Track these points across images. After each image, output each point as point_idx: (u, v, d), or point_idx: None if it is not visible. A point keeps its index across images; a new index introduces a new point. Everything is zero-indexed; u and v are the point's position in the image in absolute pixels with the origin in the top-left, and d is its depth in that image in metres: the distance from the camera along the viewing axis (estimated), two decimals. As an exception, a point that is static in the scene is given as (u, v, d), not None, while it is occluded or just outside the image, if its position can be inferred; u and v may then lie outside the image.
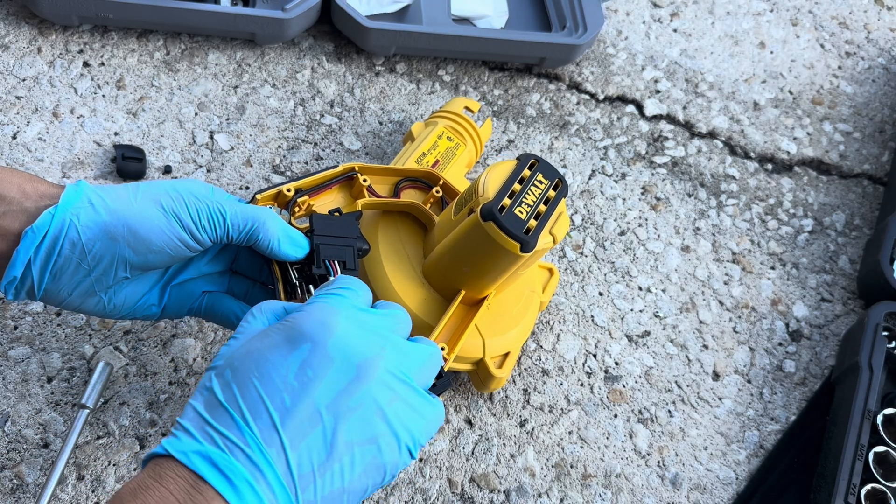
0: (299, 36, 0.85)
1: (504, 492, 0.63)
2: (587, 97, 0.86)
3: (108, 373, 0.62)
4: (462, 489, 0.63)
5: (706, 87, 0.89)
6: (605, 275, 0.75)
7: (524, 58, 0.85)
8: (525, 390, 0.68)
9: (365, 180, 0.62)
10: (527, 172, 0.59)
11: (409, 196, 0.66)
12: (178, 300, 0.57)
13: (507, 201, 0.56)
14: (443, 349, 0.59)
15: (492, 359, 0.63)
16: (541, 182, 0.59)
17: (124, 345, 0.65)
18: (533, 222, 0.56)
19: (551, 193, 0.59)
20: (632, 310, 0.73)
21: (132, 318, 0.55)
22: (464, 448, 0.65)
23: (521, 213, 0.56)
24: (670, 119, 0.86)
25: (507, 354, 0.63)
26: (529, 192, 0.58)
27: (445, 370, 0.58)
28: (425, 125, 0.74)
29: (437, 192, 0.65)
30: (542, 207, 0.58)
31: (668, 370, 0.70)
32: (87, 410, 0.61)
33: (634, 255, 0.76)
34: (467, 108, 0.76)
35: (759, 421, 0.69)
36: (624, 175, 0.81)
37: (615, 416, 0.68)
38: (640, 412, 0.68)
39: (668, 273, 0.76)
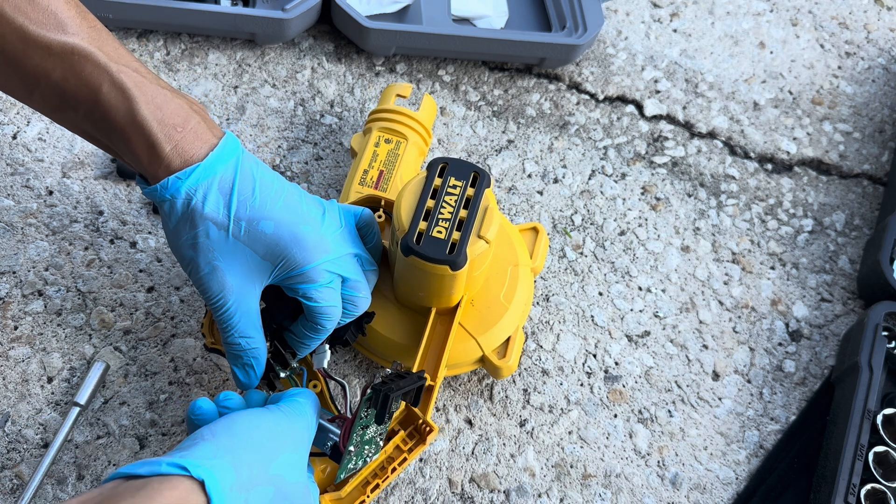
0: (299, 36, 0.85)
1: (504, 492, 0.63)
2: (587, 97, 0.86)
3: (102, 371, 0.62)
4: (462, 489, 0.63)
5: (706, 87, 0.89)
6: (605, 275, 0.75)
7: (524, 58, 0.85)
8: (525, 390, 0.68)
9: None
10: (438, 181, 0.57)
11: None
12: None
13: (423, 225, 0.55)
14: (425, 379, 0.59)
15: (493, 352, 0.62)
16: (455, 186, 0.57)
17: (124, 345, 0.65)
18: (456, 234, 0.55)
19: (470, 192, 0.57)
20: (632, 310, 0.73)
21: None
22: (464, 448, 0.65)
23: (441, 232, 0.55)
24: (670, 119, 0.86)
25: (507, 340, 0.63)
26: (445, 203, 0.56)
27: (437, 387, 0.59)
28: (363, 134, 0.73)
29: (380, 216, 0.64)
30: (464, 213, 0.56)
31: (668, 370, 0.70)
32: (79, 408, 0.61)
33: (634, 255, 0.76)
34: (399, 96, 0.74)
35: (758, 421, 0.69)
36: (624, 175, 0.81)
37: (615, 416, 0.68)
38: (639, 412, 0.68)
39: (668, 273, 0.76)
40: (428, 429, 0.57)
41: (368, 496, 0.56)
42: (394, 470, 0.57)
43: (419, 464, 0.63)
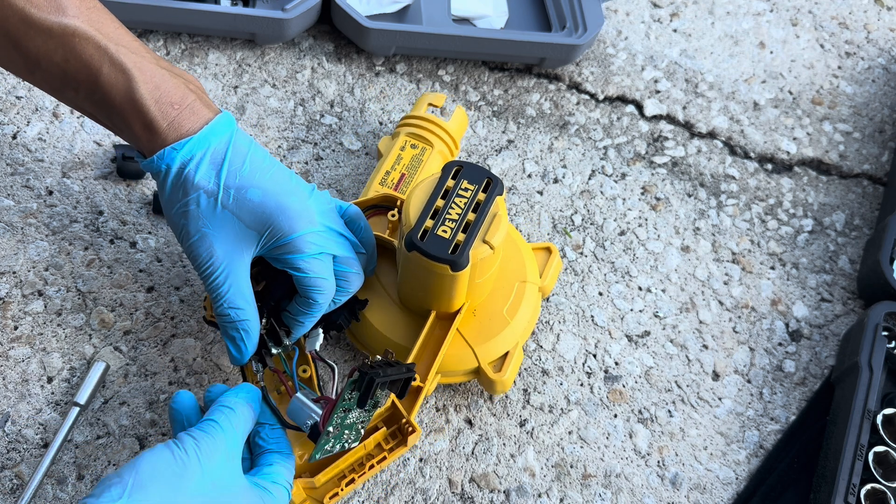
0: (299, 36, 0.85)
1: (504, 492, 0.63)
2: (587, 97, 0.86)
3: (102, 371, 0.62)
4: (462, 489, 0.63)
5: (706, 87, 0.89)
6: (605, 275, 0.75)
7: (524, 58, 0.85)
8: (525, 390, 0.68)
9: None
10: (451, 183, 0.57)
11: (375, 223, 0.66)
12: None
13: (429, 223, 0.55)
14: (415, 379, 0.59)
15: (489, 364, 0.62)
16: (466, 189, 0.57)
17: (124, 345, 0.65)
18: (461, 236, 0.55)
19: (481, 196, 0.57)
20: (632, 310, 0.73)
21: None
22: (464, 448, 0.65)
23: (446, 231, 0.55)
24: (670, 119, 0.86)
25: (505, 355, 0.63)
26: (454, 204, 0.56)
27: (422, 397, 0.59)
28: (392, 137, 0.73)
29: (393, 216, 0.64)
30: (471, 216, 0.56)
31: (668, 370, 0.70)
32: (79, 408, 0.61)
33: (634, 255, 0.76)
34: (431, 105, 0.74)
35: (758, 421, 0.69)
36: (624, 175, 0.81)
37: (615, 416, 0.68)
38: (639, 412, 0.68)
39: (668, 273, 0.76)
40: (410, 429, 0.57)
41: (342, 490, 0.56)
42: (371, 467, 0.57)
43: (419, 464, 0.64)
